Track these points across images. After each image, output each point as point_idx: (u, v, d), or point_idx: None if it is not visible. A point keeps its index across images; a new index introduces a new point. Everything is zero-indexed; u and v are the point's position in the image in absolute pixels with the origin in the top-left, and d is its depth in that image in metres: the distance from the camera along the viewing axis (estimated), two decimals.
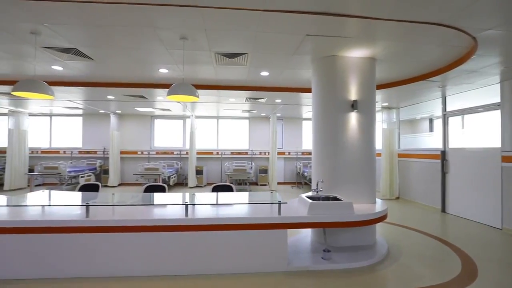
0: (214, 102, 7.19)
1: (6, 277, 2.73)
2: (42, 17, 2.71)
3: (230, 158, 10.06)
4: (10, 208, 3.23)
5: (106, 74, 4.74)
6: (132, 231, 2.81)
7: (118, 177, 9.42)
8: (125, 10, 2.55)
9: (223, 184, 4.19)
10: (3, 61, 4.08)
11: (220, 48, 3.52)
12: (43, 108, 8.60)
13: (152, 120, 10.11)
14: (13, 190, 8.23)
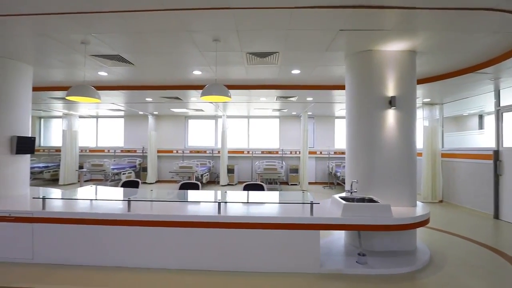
0: (245, 101, 7.28)
1: (58, 262, 3.06)
2: (90, 28, 2.97)
3: (260, 157, 10.11)
4: (64, 201, 3.59)
5: (145, 77, 5.05)
6: (168, 226, 2.96)
7: (156, 175, 9.98)
8: (162, 17, 2.69)
9: (254, 183, 4.23)
10: (58, 69, 4.54)
11: (251, 48, 3.55)
12: (90, 110, 9.43)
13: (186, 121, 10.54)
14: (66, 184, 9.15)
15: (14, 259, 3.12)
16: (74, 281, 2.69)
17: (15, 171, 4.04)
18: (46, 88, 5.84)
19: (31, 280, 2.72)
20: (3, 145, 3.88)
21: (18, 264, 3.07)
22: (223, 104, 7.94)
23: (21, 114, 4.12)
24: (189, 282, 2.69)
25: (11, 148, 3.96)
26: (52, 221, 3.07)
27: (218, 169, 9.96)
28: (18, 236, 3.12)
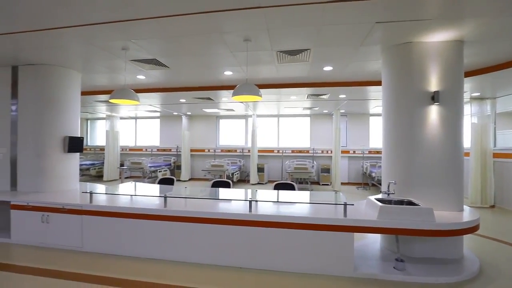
0: (275, 100, 7.25)
1: (103, 251, 3.32)
2: (130, 35, 3.17)
3: (290, 156, 10.02)
4: (108, 196, 3.89)
5: (179, 79, 5.26)
6: (201, 222, 3.06)
7: (189, 172, 10.39)
8: (195, 20, 2.77)
9: (285, 182, 4.20)
10: (102, 74, 4.93)
11: (282, 46, 3.52)
12: (130, 112, 10.10)
13: (217, 120, 10.80)
14: (109, 181, 9.91)
15: (67, 247, 3.46)
16: (117, 270, 2.91)
17: (67, 167, 4.48)
18: (92, 92, 6.37)
19: (81, 266, 3.00)
20: (57, 145, 4.32)
21: (70, 251, 3.40)
22: (253, 104, 7.99)
23: (72, 117, 4.55)
24: (221, 278, 2.76)
25: (64, 147, 4.39)
26: (98, 214, 3.35)
27: (248, 168, 10.06)
28: (70, 226, 3.45)
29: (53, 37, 3.19)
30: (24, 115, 4.23)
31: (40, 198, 3.68)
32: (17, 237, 3.66)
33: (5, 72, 4.31)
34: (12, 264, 3.07)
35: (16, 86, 4.27)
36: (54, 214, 3.51)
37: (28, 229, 3.62)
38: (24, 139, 4.23)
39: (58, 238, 3.50)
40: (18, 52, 3.71)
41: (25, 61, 4.09)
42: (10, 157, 4.27)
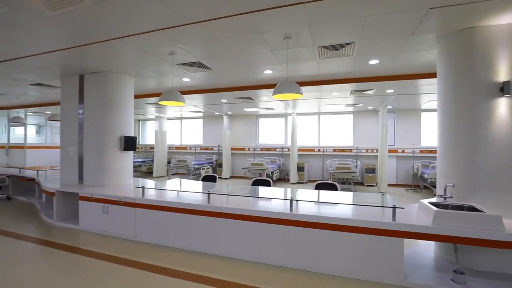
0: (316, 98, 7.06)
1: (154, 242, 3.59)
2: (176, 40, 3.37)
3: (332, 155, 9.67)
4: (157, 191, 4.20)
5: (220, 80, 5.44)
6: (243, 219, 3.13)
7: (230, 170, 10.69)
8: (236, 21, 2.83)
9: (326, 182, 4.07)
10: (152, 79, 5.33)
11: (324, 41, 3.40)
12: (176, 113, 10.77)
13: (257, 119, 10.92)
14: (158, 177, 10.70)
15: (122, 235, 3.84)
16: (166, 260, 3.13)
17: (123, 164, 4.95)
18: (142, 95, 6.94)
19: (135, 254, 3.29)
20: (115, 144, 4.80)
21: (125, 240, 3.76)
22: (293, 102, 7.89)
23: (127, 118, 5.01)
24: (261, 275, 2.78)
25: (120, 145, 4.86)
26: (149, 207, 3.64)
27: (288, 167, 9.99)
28: (125, 217, 3.81)
29: (111, 47, 3.55)
30: (88, 118, 4.79)
31: (101, 191, 4.14)
32: (84, 224, 4.17)
33: (74, 81, 4.93)
34: (79, 248, 3.51)
35: (82, 92, 4.86)
36: (113, 206, 3.91)
37: (92, 218, 4.09)
38: (88, 139, 4.79)
39: (115, 227, 3.90)
40: (84, 62, 4.20)
41: (89, 70, 4.62)
42: (78, 155, 4.88)
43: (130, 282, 2.66)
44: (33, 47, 3.59)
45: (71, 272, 2.87)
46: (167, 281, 2.68)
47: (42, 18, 2.78)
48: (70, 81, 4.97)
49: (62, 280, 2.69)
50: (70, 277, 2.75)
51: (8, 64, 4.29)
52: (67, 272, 2.87)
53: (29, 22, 2.88)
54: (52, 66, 4.42)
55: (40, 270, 2.92)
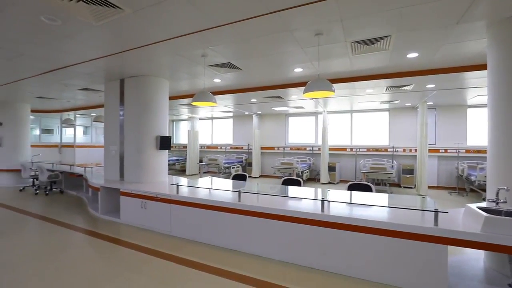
0: (348, 95, 6.81)
1: (188, 237, 3.74)
2: (208, 42, 3.47)
3: (366, 155, 9.26)
4: (190, 188, 4.36)
5: (250, 80, 5.49)
6: (273, 218, 3.12)
7: (259, 169, 10.75)
8: (266, 20, 2.83)
9: (359, 183, 3.91)
10: (185, 80, 5.55)
11: (357, 36, 3.26)
12: (207, 113, 11.09)
13: (286, 118, 10.84)
14: (191, 175, 11.11)
15: (159, 230, 4.05)
16: (199, 255, 3.24)
17: (159, 162, 5.23)
18: (176, 97, 7.25)
19: (170, 248, 3.46)
20: (151, 143, 5.09)
21: (162, 234, 3.96)
22: (324, 100, 7.69)
23: (162, 119, 5.28)
24: (291, 275, 2.75)
25: (156, 145, 5.13)
26: (183, 203, 3.80)
27: (318, 167, 9.78)
28: (161, 213, 4.02)
29: (148, 51, 3.76)
30: (128, 119, 5.13)
31: (139, 187, 4.41)
32: (124, 218, 4.48)
33: (115, 85, 5.31)
34: (120, 239, 3.78)
35: (122, 95, 5.22)
36: (150, 202, 4.15)
37: (131, 212, 4.38)
38: (128, 138, 5.13)
39: (152, 222, 4.13)
40: (124, 67, 4.51)
41: (129, 74, 4.94)
42: (119, 153, 5.25)
43: (165, 275, 2.80)
44: (81, 55, 3.93)
45: (113, 262, 3.10)
46: (200, 276, 2.78)
47: (89, 29, 3.03)
48: (112, 85, 5.37)
49: (106, 268, 2.92)
50: (112, 266, 2.98)
51: (61, 72, 4.75)
52: (109, 261, 3.11)
53: (78, 33, 3.16)
54: (96, 72, 4.81)
55: (86, 257, 3.20)
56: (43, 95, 7.14)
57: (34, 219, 4.77)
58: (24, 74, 5.03)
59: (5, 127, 8.22)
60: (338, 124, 9.94)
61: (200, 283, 2.65)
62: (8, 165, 8.12)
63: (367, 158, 9.06)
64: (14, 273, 2.80)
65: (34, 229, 4.26)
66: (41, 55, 3.95)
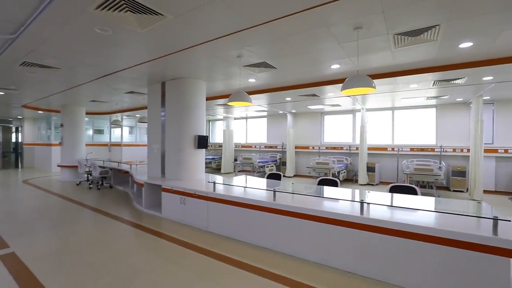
0: (389, 91, 6.40)
1: (224, 234, 3.83)
2: (243, 43, 3.51)
3: (409, 155, 8.62)
4: (226, 186, 4.47)
5: (285, 79, 5.44)
6: (309, 219, 3.06)
7: (294, 169, 10.63)
8: (302, 17, 2.78)
9: (403, 185, 3.65)
10: (220, 81, 5.70)
11: (401, 27, 3.04)
12: (242, 113, 11.26)
13: (321, 117, 10.55)
14: (226, 173, 11.40)
15: (196, 225, 4.22)
16: (234, 252, 3.31)
17: (196, 160, 5.45)
18: (212, 97, 7.48)
19: (207, 243, 3.58)
20: (190, 142, 5.32)
21: (199, 229, 4.12)
22: (362, 97, 7.33)
23: (200, 119, 5.49)
24: (327, 279, 2.67)
25: (194, 144, 5.36)
26: (219, 201, 3.91)
27: (356, 167, 9.36)
28: (199, 209, 4.18)
29: (187, 55, 3.93)
30: (169, 119, 5.43)
31: (179, 184, 4.64)
32: (165, 213, 4.76)
33: (157, 87, 5.66)
34: (162, 232, 4.02)
35: (164, 97, 5.54)
36: (188, 198, 4.34)
37: (172, 207, 4.64)
38: (169, 138, 5.43)
39: (190, 217, 4.32)
40: (165, 70, 4.78)
41: (169, 77, 5.23)
42: (161, 151, 5.59)
43: (203, 268, 2.91)
44: (128, 61, 4.26)
45: (155, 253, 3.31)
46: (236, 272, 2.83)
47: (135, 36, 3.27)
48: (154, 88, 5.73)
49: (149, 259, 3.12)
50: (154, 257, 3.18)
51: (111, 77, 5.20)
52: (152, 252, 3.32)
53: (125, 40, 3.43)
54: (141, 76, 5.17)
55: (132, 247, 3.46)
56: (95, 98, 7.89)
57: (88, 210, 5.30)
58: (81, 81, 5.61)
59: (65, 128, 9.26)
60: (377, 122, 9.40)
61: (235, 279, 2.70)
62: (67, 161, 9.15)
63: (411, 159, 8.43)
64: (72, 256, 3.14)
65: (88, 219, 4.74)
66: (95, 63, 4.37)
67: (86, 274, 2.76)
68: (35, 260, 3.08)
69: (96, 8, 2.60)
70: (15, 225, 4.33)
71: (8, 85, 6.02)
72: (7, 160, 13.57)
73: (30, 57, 4.07)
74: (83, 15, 2.74)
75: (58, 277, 2.70)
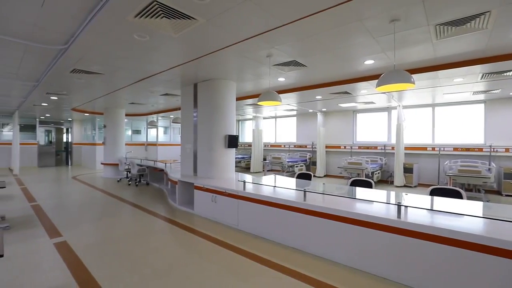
0: (430, 86, 5.95)
1: (253, 232, 3.86)
2: (273, 42, 3.50)
3: (452, 155, 7.95)
4: (255, 185, 4.50)
5: (315, 77, 5.33)
6: (340, 221, 2.97)
7: (324, 169, 10.37)
8: (334, 13, 2.70)
9: (445, 188, 3.37)
10: (250, 81, 5.75)
11: (444, 17, 2.81)
12: (271, 112, 11.26)
13: (354, 115, 10.15)
14: (255, 172, 11.48)
15: (227, 223, 4.31)
16: (264, 251, 3.32)
17: (227, 160, 5.56)
18: (242, 97, 7.58)
19: (237, 241, 3.64)
20: (221, 142, 5.45)
21: (230, 227, 4.20)
22: (399, 93, 6.91)
23: (230, 119, 5.59)
24: (361, 285, 2.56)
25: (225, 143, 5.47)
26: (249, 200, 3.95)
27: (391, 167, 8.87)
28: (229, 207, 4.26)
29: (219, 56, 4.03)
30: (200, 119, 5.61)
31: (210, 183, 4.78)
32: (197, 210, 4.93)
33: (190, 89, 5.87)
34: (194, 229, 4.16)
35: (196, 98, 5.73)
36: (219, 196, 4.45)
37: (203, 205, 4.79)
38: (200, 137, 5.61)
39: (221, 215, 4.42)
40: (197, 72, 4.94)
41: (201, 78, 5.40)
42: (193, 151, 5.79)
43: (233, 266, 2.96)
44: (163, 64, 4.48)
45: (189, 248, 3.44)
46: (266, 271, 2.84)
47: (170, 40, 3.43)
48: (187, 90, 5.96)
49: (182, 254, 3.26)
50: (187, 252, 3.31)
51: (148, 80, 5.52)
52: (185, 247, 3.46)
53: (161, 45, 3.61)
54: (175, 79, 5.40)
55: (166, 242, 3.64)
56: (134, 101, 8.43)
57: (128, 205, 5.68)
58: (121, 84, 6.03)
59: (107, 128, 10.03)
60: (416, 120, 8.81)
61: (265, 277, 2.71)
62: (109, 159, 9.89)
63: (454, 159, 7.76)
64: (113, 247, 3.39)
65: (128, 213, 5.07)
66: (133, 67, 4.66)
67: (126, 265, 2.96)
68: (83, 248, 3.38)
69: (135, 16, 2.77)
70: (66, 216, 4.79)
71: (60, 90, 6.67)
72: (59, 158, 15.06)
73: (78, 65, 4.47)
74: (123, 23, 2.94)
75: (102, 266, 2.93)
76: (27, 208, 5.34)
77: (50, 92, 6.83)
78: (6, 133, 13.24)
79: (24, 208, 5.34)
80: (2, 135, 13.21)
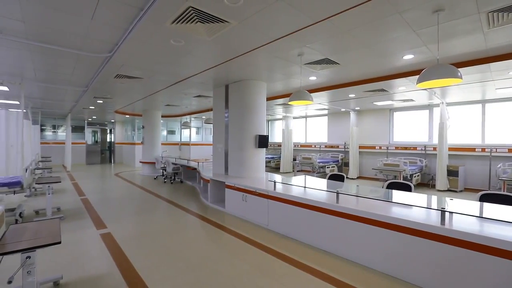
0: (478, 81, 5.41)
1: (283, 232, 3.83)
2: (304, 41, 3.45)
3: (506, 157, 7.14)
4: (285, 185, 4.47)
5: (348, 74, 5.14)
6: (375, 225, 2.83)
7: (357, 170, 9.96)
8: (369, 7, 2.58)
9: (498, 193, 3.05)
10: (280, 81, 5.72)
11: (498, 2, 2.54)
12: (301, 112, 11.09)
13: (390, 114, 9.60)
14: (285, 172, 11.40)
15: (257, 222, 4.34)
16: (293, 251, 3.29)
17: (257, 159, 5.60)
18: (272, 97, 7.57)
19: (266, 240, 3.65)
20: (251, 142, 5.50)
21: (260, 226, 4.23)
22: (441, 90, 6.38)
23: (261, 119, 5.63)
24: None
25: (255, 143, 5.51)
26: (279, 200, 3.94)
27: (433, 170, 8.23)
28: (260, 207, 4.29)
29: (250, 57, 4.07)
30: (232, 120, 5.72)
31: (241, 182, 4.85)
32: (228, 208, 5.03)
33: (221, 90, 6.02)
34: (225, 226, 4.26)
35: (227, 99, 5.86)
36: (250, 196, 4.50)
37: (234, 203, 4.87)
38: (232, 137, 5.72)
39: (251, 214, 4.46)
40: (229, 74, 5.05)
41: (232, 80, 5.50)
42: (224, 150, 5.93)
43: (263, 264, 2.97)
44: (197, 67, 4.65)
45: (219, 245, 3.53)
46: (295, 272, 2.81)
47: (204, 44, 3.55)
48: (219, 91, 6.11)
49: (213, 250, 3.35)
50: (218, 249, 3.39)
51: (182, 83, 5.77)
52: (216, 244, 3.55)
53: (195, 49, 3.75)
54: (207, 81, 5.58)
55: (199, 238, 3.77)
56: (169, 103, 8.87)
57: (163, 201, 5.99)
58: (158, 88, 6.38)
59: (145, 129, 10.69)
60: (461, 118, 8.07)
61: (295, 278, 2.68)
62: (147, 158, 10.53)
63: (509, 162, 6.96)
64: (151, 240, 3.60)
65: (163, 209, 5.35)
66: (169, 71, 4.91)
67: (163, 257, 3.13)
68: (125, 240, 3.64)
69: (171, 22, 2.91)
70: (110, 210, 5.20)
71: (105, 94, 7.26)
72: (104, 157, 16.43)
73: (121, 70, 4.82)
74: (161, 30, 3.11)
75: (141, 257, 3.13)
76: (77, 201, 5.90)
77: (97, 96, 7.46)
78: (60, 134, 14.76)
79: (75, 201, 5.91)
80: (58, 136, 14.75)
